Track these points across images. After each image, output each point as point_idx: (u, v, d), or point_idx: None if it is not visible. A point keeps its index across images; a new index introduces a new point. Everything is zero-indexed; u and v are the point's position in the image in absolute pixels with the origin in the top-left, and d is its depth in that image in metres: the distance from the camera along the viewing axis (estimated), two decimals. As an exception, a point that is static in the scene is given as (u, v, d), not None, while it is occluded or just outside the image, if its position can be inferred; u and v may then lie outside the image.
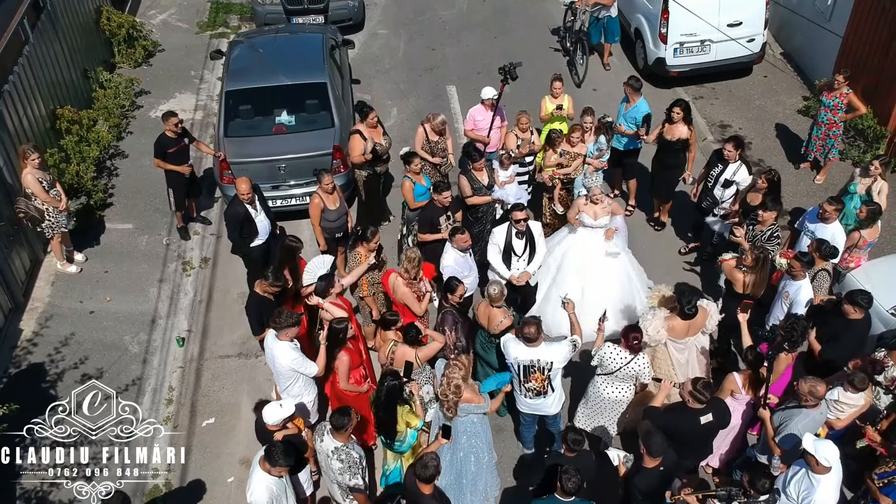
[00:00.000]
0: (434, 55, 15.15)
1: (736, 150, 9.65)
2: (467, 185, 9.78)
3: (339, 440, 6.80)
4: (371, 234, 8.68)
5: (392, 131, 12.28)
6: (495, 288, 8.01)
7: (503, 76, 10.35)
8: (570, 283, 9.21)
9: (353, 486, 6.90)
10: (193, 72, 14.70)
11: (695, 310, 7.91)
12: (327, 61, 11.86)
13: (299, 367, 7.52)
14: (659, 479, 6.57)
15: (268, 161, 10.81)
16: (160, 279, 10.71)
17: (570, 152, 10.25)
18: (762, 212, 8.98)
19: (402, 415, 7.29)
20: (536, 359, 7.38)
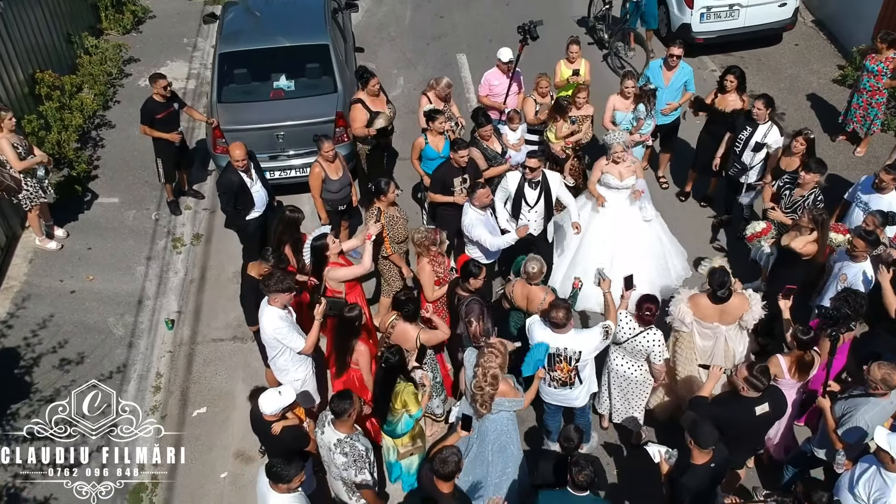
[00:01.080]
0: (442, 23, 14.30)
1: (766, 109, 8.80)
2: (481, 157, 8.92)
3: (342, 431, 5.98)
4: (386, 185, 7.84)
5: (398, 101, 11.49)
6: (535, 265, 7.15)
7: (522, 35, 9.54)
8: (597, 254, 8.47)
9: (361, 482, 6.06)
10: (186, 39, 13.84)
11: (727, 293, 7.02)
12: (329, 23, 10.99)
13: (282, 338, 6.74)
14: (709, 477, 5.73)
15: (265, 128, 9.94)
16: (148, 257, 9.88)
17: (579, 115, 9.45)
18: (804, 173, 8.12)
19: (402, 393, 6.49)
20: (563, 347, 6.58)
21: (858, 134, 10.93)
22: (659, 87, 9.78)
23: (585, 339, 6.66)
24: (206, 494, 7.52)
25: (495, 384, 6.18)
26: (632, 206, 8.62)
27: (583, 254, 8.67)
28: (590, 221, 8.72)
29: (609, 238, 8.61)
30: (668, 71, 9.82)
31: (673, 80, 9.79)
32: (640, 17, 12.73)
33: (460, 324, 7.01)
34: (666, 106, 9.81)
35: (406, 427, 6.61)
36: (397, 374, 6.51)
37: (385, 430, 6.72)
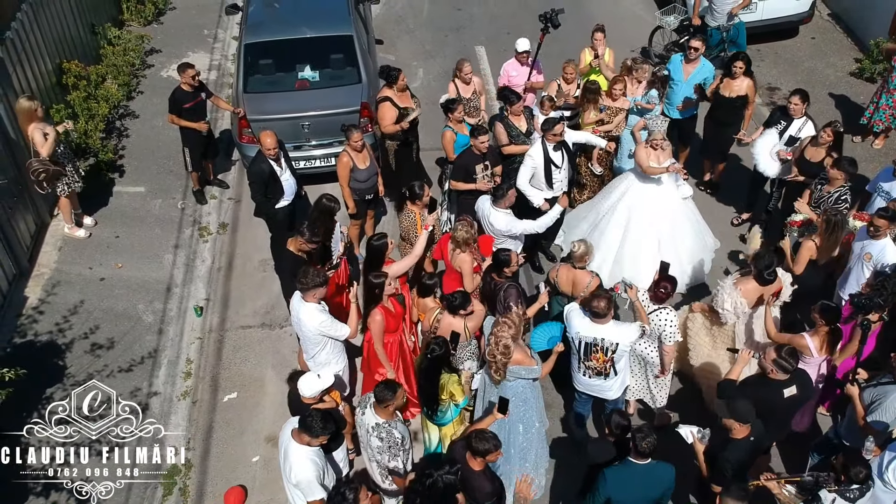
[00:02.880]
0: (460, 15, 14.37)
1: (803, 104, 8.88)
2: (503, 133, 9.07)
3: (382, 416, 6.08)
4: (420, 189, 7.94)
5: (419, 93, 11.50)
6: (580, 246, 7.24)
7: (544, 24, 9.60)
8: (644, 237, 8.69)
9: (393, 468, 6.22)
10: (206, 31, 13.92)
11: (774, 275, 7.14)
12: (353, 13, 11.07)
13: (328, 330, 6.81)
14: (749, 450, 5.87)
15: (291, 118, 10.02)
16: (175, 245, 9.98)
17: (612, 107, 9.50)
18: (832, 169, 8.19)
19: (448, 384, 6.58)
20: (601, 337, 6.62)
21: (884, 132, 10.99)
22: (678, 81, 9.83)
23: (624, 331, 6.68)
24: (239, 478, 7.60)
25: (507, 353, 6.29)
26: (668, 186, 8.76)
27: (630, 239, 8.81)
28: (632, 208, 8.84)
29: (654, 220, 8.76)
30: (687, 64, 9.85)
31: (693, 74, 9.82)
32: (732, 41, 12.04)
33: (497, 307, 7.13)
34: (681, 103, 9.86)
35: (453, 416, 6.70)
36: (442, 365, 6.58)
37: (432, 420, 6.81)
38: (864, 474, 5.63)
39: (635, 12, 14.18)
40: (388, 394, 5.99)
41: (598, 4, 14.05)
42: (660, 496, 5.76)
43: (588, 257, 7.29)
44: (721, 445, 5.89)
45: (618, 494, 5.65)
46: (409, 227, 8.09)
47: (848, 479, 5.64)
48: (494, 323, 6.47)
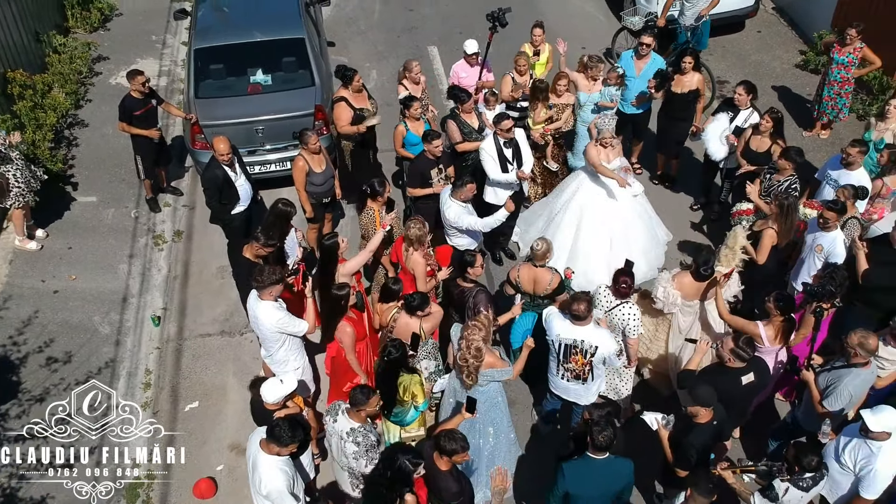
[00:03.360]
0: (412, 16, 14.35)
1: (747, 95, 9.07)
2: (456, 130, 9.13)
3: (356, 421, 6.05)
4: (380, 186, 7.95)
5: (373, 94, 11.50)
6: (541, 244, 7.28)
7: (491, 23, 9.65)
8: (596, 236, 8.74)
9: (366, 473, 6.17)
10: (155, 36, 13.71)
11: (710, 271, 7.27)
12: (304, 16, 11.01)
13: (286, 327, 6.80)
14: (712, 434, 6.01)
15: (244, 123, 9.91)
16: (130, 254, 9.84)
17: (559, 104, 9.60)
18: (780, 159, 8.38)
19: (410, 385, 6.58)
20: (581, 339, 6.62)
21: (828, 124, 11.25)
22: (630, 77, 9.95)
23: (603, 335, 6.67)
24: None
25: (479, 356, 6.32)
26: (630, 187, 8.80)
27: (582, 237, 8.85)
28: (584, 207, 8.90)
29: (605, 218, 8.81)
30: (639, 60, 9.98)
31: (644, 69, 9.94)
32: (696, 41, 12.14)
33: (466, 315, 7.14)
34: (635, 98, 9.97)
35: (413, 417, 6.70)
36: (399, 367, 6.57)
37: (392, 420, 6.80)
38: (816, 462, 5.74)
39: (585, 10, 14.31)
40: (363, 398, 5.97)
41: (548, 2, 14.13)
42: (619, 490, 5.79)
43: (549, 255, 7.35)
44: (685, 431, 6.01)
45: (576, 489, 5.69)
46: (368, 225, 8.08)
47: (801, 468, 5.75)
48: (464, 327, 6.47)
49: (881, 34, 11.28)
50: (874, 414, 5.83)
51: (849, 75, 10.50)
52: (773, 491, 5.79)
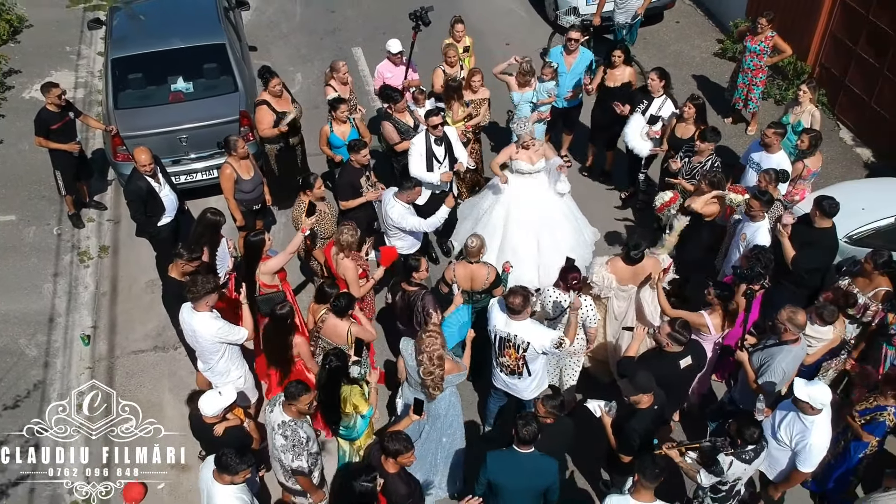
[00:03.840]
0: (335, 17, 14.24)
1: (660, 81, 9.23)
2: (393, 131, 9.08)
3: (289, 414, 5.98)
4: (314, 179, 7.87)
5: (298, 98, 11.32)
6: (475, 241, 7.26)
7: (414, 22, 9.63)
8: (522, 237, 8.67)
9: (296, 467, 6.11)
10: (69, 47, 13.31)
11: (640, 255, 7.39)
12: (223, 21, 10.81)
13: (226, 336, 6.66)
14: (653, 418, 6.10)
15: (167, 132, 9.70)
16: (55, 273, 9.53)
17: (475, 99, 9.62)
18: (699, 142, 8.59)
19: (351, 397, 6.49)
20: (514, 334, 6.59)
21: (743, 115, 11.54)
22: (561, 72, 10.01)
23: (538, 332, 6.62)
24: (145, 506, 7.36)
25: (443, 364, 6.29)
26: (545, 186, 8.81)
27: (509, 238, 8.78)
28: (509, 208, 8.83)
29: (532, 220, 8.75)
30: (568, 55, 10.07)
31: (575, 64, 10.05)
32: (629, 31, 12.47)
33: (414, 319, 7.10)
34: (569, 93, 10.04)
35: (362, 429, 6.62)
36: (340, 377, 6.47)
37: (342, 436, 6.70)
38: (758, 434, 5.90)
39: (507, 6, 14.39)
40: (295, 392, 5.89)
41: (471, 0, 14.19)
42: (544, 488, 5.79)
43: (483, 251, 7.35)
44: (627, 416, 6.09)
45: (498, 479, 5.72)
46: (297, 217, 8.00)
47: (743, 441, 5.89)
48: (418, 339, 6.37)
49: (791, 22, 11.68)
50: (806, 385, 6.00)
51: (761, 63, 10.80)
52: (718, 465, 5.92)
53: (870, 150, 11.20)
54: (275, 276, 7.50)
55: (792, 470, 6.27)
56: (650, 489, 5.40)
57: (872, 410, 6.55)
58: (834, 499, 7.11)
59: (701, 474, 6.03)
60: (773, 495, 6.64)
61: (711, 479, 6.01)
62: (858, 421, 6.62)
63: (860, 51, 11.10)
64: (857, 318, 7.50)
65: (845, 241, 8.36)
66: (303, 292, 9.15)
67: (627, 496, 5.51)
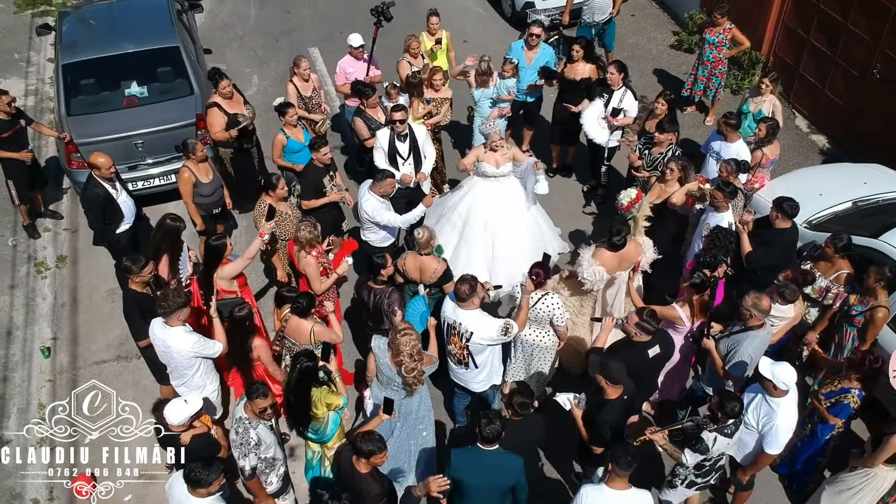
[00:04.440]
0: (290, 18, 14.10)
1: (619, 74, 9.26)
2: (364, 127, 9.00)
3: (246, 412, 5.93)
4: (277, 180, 7.77)
5: (255, 100, 11.34)
6: (423, 233, 7.22)
7: (377, 18, 9.56)
8: (479, 239, 8.50)
9: (240, 466, 6.04)
10: (17, 54, 13.03)
11: (623, 241, 7.42)
12: (176, 24, 10.65)
13: (202, 350, 6.53)
14: (623, 409, 6.12)
15: (122, 138, 9.53)
16: (11, 285, 9.32)
17: (437, 98, 9.58)
18: (658, 133, 8.66)
19: (321, 397, 6.41)
20: (459, 322, 6.59)
21: (705, 103, 11.64)
22: (522, 66, 10.00)
23: (482, 322, 6.60)
24: (112, 520, 7.21)
25: (422, 358, 6.26)
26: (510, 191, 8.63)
27: (465, 239, 8.61)
28: (471, 208, 8.64)
29: (489, 222, 8.52)
30: (529, 51, 10.07)
31: (535, 60, 10.05)
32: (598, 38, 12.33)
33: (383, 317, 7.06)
34: (527, 87, 10.04)
35: (335, 425, 6.54)
36: (311, 378, 6.38)
37: (313, 439, 6.62)
38: (739, 407, 5.93)
39: (465, 4, 14.37)
40: (253, 392, 5.84)
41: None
42: (508, 486, 5.75)
43: (432, 242, 7.31)
44: (597, 408, 6.10)
45: (463, 476, 5.69)
46: (258, 217, 7.90)
47: (724, 414, 5.91)
48: (393, 339, 6.28)
49: (745, 13, 11.80)
50: (771, 364, 6.06)
51: (721, 55, 10.88)
52: (703, 443, 5.95)
53: (825, 136, 11.37)
54: (233, 281, 7.37)
55: (759, 452, 6.32)
56: (624, 477, 5.42)
57: (837, 393, 6.63)
58: (802, 480, 7.21)
59: (686, 454, 6.05)
60: (742, 479, 6.71)
61: (697, 457, 6.04)
62: (824, 404, 6.70)
63: (813, 39, 11.26)
64: (819, 301, 7.61)
65: (805, 226, 8.45)
66: (266, 296, 9.05)
67: (602, 486, 5.52)
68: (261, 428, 6.01)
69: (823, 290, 7.50)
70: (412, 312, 7.12)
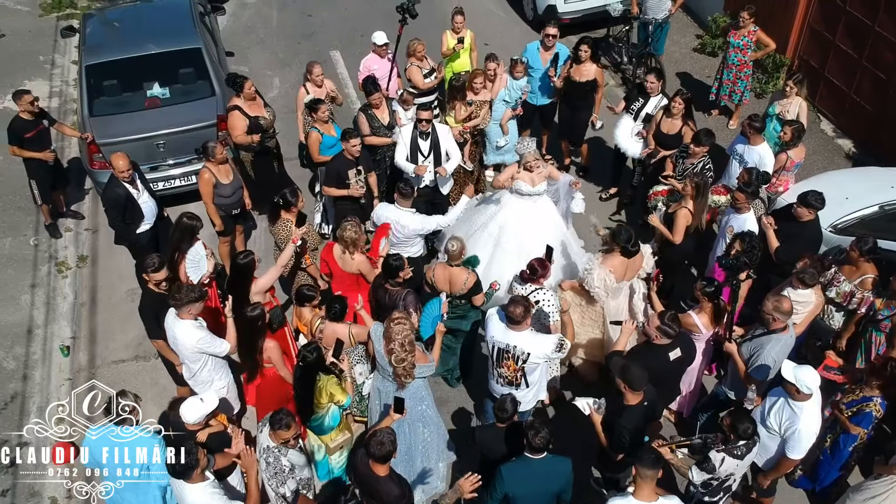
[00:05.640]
0: (311, 21, 14.11)
1: (658, 82, 9.20)
2: (365, 124, 9.05)
3: (274, 440, 5.88)
4: (293, 196, 7.72)
5: (276, 102, 11.35)
6: (455, 244, 7.16)
7: (402, 15, 9.55)
8: (511, 257, 8.32)
9: (280, 494, 5.99)
10: (42, 56, 13.13)
11: (637, 246, 7.33)
12: (198, 26, 10.70)
13: (207, 347, 6.55)
14: (643, 415, 6.02)
15: (144, 138, 9.57)
16: (32, 284, 9.37)
17: (477, 101, 9.51)
18: (693, 146, 8.53)
19: (326, 386, 6.37)
20: (513, 344, 6.43)
21: (730, 107, 11.51)
22: (537, 68, 9.96)
23: (538, 342, 6.48)
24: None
25: (413, 350, 6.23)
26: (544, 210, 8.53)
27: (498, 258, 8.45)
28: (504, 226, 8.52)
29: (523, 241, 8.34)
30: (545, 52, 10.01)
31: (551, 60, 9.95)
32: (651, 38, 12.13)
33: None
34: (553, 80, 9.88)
35: (335, 420, 6.52)
36: (316, 371, 6.38)
37: (312, 428, 6.60)
38: (751, 429, 5.83)
39: (485, 6, 14.31)
40: (279, 421, 5.78)
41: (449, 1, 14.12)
42: (559, 490, 5.75)
43: (464, 254, 7.25)
44: (617, 413, 6.01)
45: (515, 490, 5.63)
46: (286, 237, 7.74)
47: (736, 436, 5.82)
48: (387, 327, 6.29)
49: (769, 15, 11.67)
50: (794, 367, 5.96)
51: (745, 58, 10.75)
52: (710, 462, 5.85)
53: (850, 140, 11.21)
54: (267, 293, 7.36)
55: (781, 457, 6.23)
56: (651, 483, 5.31)
57: (859, 402, 6.50)
58: (827, 493, 7.04)
59: (692, 471, 5.97)
60: (763, 483, 6.58)
61: (703, 475, 5.94)
62: (846, 413, 6.56)
63: (839, 42, 11.10)
64: (844, 306, 7.48)
65: (830, 230, 8.35)
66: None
67: (629, 496, 5.42)
68: (291, 453, 5.98)
69: (848, 295, 7.37)
70: (426, 314, 7.05)
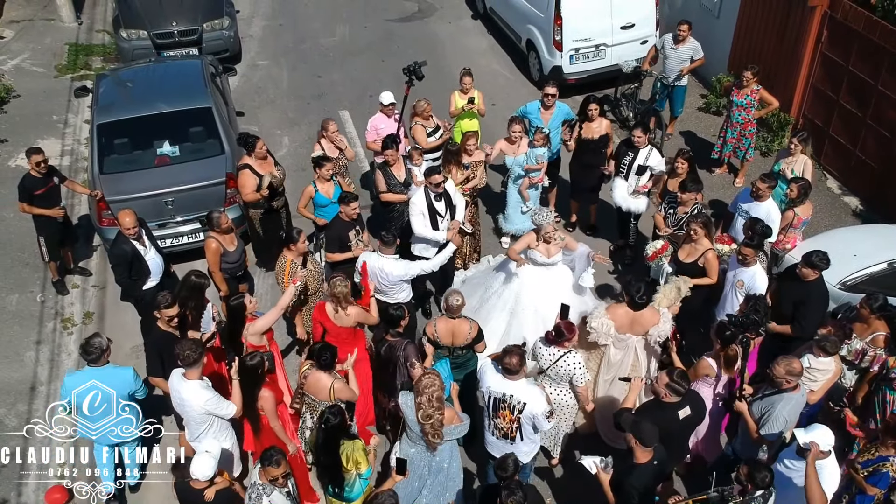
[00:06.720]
0: (321, 82, 14.33)
1: (644, 135, 9.33)
2: (382, 181, 9.10)
3: (261, 478, 5.83)
4: (297, 234, 7.82)
5: (285, 161, 11.48)
6: (457, 298, 7.13)
7: (408, 76, 9.71)
8: (529, 330, 8.27)
9: None
10: (56, 116, 13.33)
11: (645, 299, 7.28)
12: (210, 86, 10.87)
13: (214, 409, 6.47)
14: (653, 474, 5.88)
15: (152, 196, 9.66)
16: (37, 341, 9.34)
17: (472, 162, 9.58)
18: (681, 193, 8.62)
19: (353, 452, 6.29)
20: (510, 394, 6.37)
21: (735, 165, 11.57)
22: (538, 127, 10.09)
23: (535, 394, 6.43)
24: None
25: (442, 408, 6.11)
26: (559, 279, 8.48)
27: (517, 325, 8.43)
28: (519, 295, 8.50)
29: (539, 308, 8.34)
30: (545, 111, 10.17)
31: (552, 119, 10.14)
32: (668, 100, 12.36)
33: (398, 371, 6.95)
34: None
35: (360, 491, 6.39)
36: (340, 435, 6.29)
37: (343, 497, 6.46)
38: (770, 478, 5.71)
39: (491, 67, 14.54)
40: (272, 458, 5.76)
41: (455, 61, 14.29)
42: None
43: (463, 307, 7.22)
44: (626, 472, 5.88)
45: None
46: (279, 273, 7.92)
47: (754, 485, 5.70)
48: (417, 380, 6.20)
49: (773, 75, 11.81)
50: (807, 432, 5.86)
51: (749, 116, 10.84)
52: None
53: (857, 197, 11.22)
54: (262, 336, 7.34)
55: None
56: None
57: (875, 462, 6.34)
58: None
59: None
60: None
61: None
62: (861, 473, 6.41)
63: (842, 101, 11.19)
64: (856, 364, 7.39)
65: (839, 287, 8.30)
66: (291, 354, 9.01)
67: None
68: (275, 494, 5.89)
69: (860, 353, 7.29)
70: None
